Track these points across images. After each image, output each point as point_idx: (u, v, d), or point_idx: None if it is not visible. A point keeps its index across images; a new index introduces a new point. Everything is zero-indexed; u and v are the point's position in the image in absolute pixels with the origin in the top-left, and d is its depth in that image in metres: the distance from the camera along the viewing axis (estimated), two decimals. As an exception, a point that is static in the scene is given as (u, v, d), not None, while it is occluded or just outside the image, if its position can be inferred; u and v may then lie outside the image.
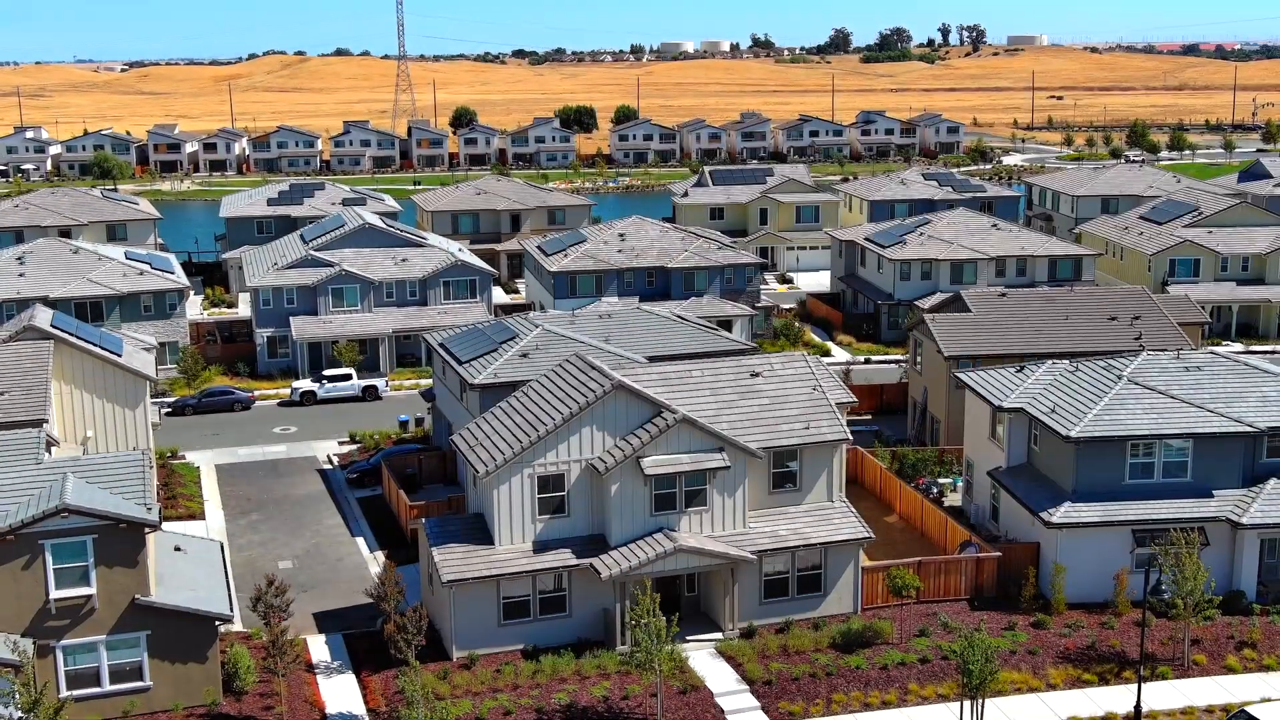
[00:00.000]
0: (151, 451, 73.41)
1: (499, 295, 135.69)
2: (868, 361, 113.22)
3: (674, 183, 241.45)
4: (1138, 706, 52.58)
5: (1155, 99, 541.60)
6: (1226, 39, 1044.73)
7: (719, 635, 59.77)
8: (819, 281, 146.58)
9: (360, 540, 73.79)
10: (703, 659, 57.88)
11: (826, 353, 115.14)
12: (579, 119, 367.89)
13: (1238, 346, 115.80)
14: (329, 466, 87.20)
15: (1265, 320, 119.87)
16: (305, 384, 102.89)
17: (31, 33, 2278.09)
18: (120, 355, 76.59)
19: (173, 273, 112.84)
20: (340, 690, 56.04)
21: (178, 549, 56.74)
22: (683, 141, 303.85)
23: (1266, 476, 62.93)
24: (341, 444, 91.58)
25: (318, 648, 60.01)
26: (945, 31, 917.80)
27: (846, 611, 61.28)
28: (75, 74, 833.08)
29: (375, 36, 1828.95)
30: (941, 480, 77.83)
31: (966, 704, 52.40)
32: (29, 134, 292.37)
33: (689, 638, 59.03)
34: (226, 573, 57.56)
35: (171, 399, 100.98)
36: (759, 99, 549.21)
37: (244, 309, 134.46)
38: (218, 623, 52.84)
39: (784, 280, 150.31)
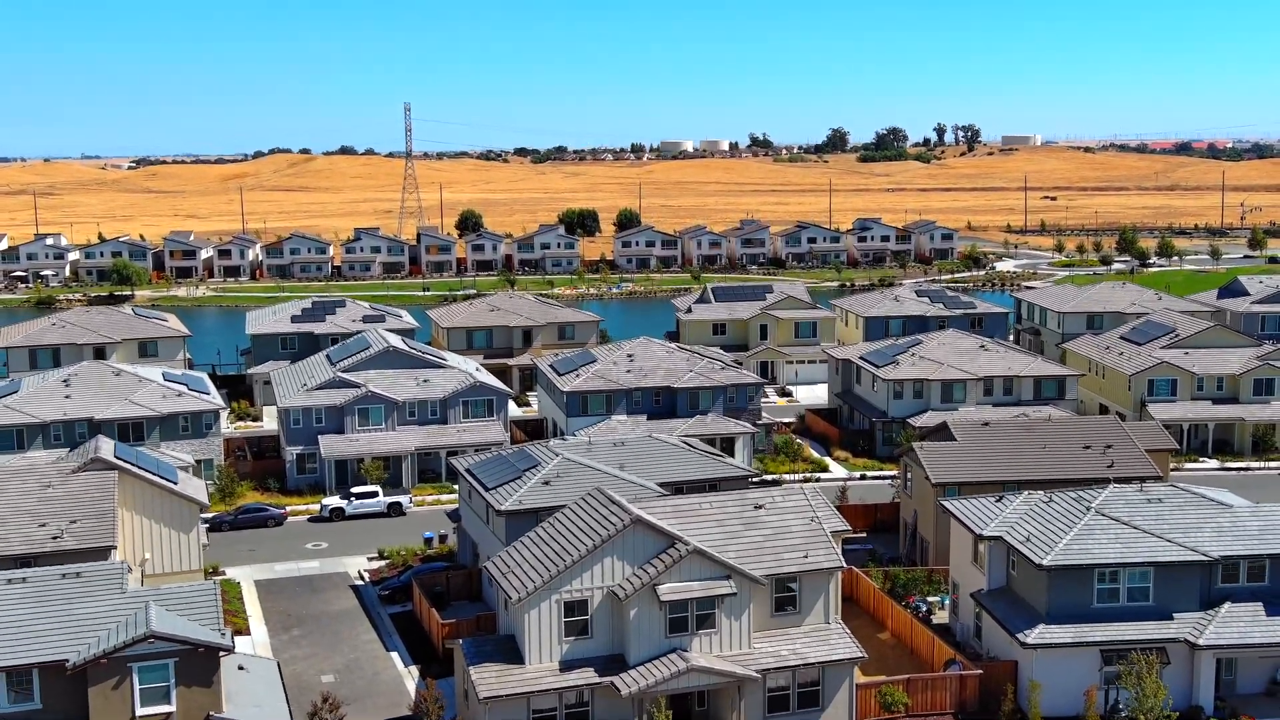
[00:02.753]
0: (202, 571, 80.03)
1: (512, 409, 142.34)
2: (863, 478, 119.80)
3: (676, 290, 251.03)
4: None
5: (1147, 199, 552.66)
6: (1219, 136, 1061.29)
7: (727, 746, 66.06)
8: (817, 394, 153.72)
9: (395, 655, 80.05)
10: (712, 768, 64.13)
11: (824, 468, 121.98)
12: (582, 222, 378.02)
13: (1213, 463, 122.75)
14: (360, 582, 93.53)
15: (1240, 438, 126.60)
16: (334, 500, 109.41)
17: (38, 128, 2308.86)
18: (176, 483, 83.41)
19: (207, 393, 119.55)
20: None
21: (241, 668, 63.17)
22: (684, 248, 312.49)
23: (1222, 600, 69.65)
24: (371, 560, 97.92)
25: (363, 757, 66.24)
26: (941, 131, 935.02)
27: (842, 724, 67.61)
28: (83, 171, 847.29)
29: (377, 132, 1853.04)
30: (930, 599, 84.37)
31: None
32: (49, 240, 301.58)
33: (700, 749, 65.35)
34: (284, 689, 63.91)
35: (209, 515, 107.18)
36: (758, 199, 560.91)
37: (269, 422, 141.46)
38: (280, 736, 59.24)
39: (783, 394, 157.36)
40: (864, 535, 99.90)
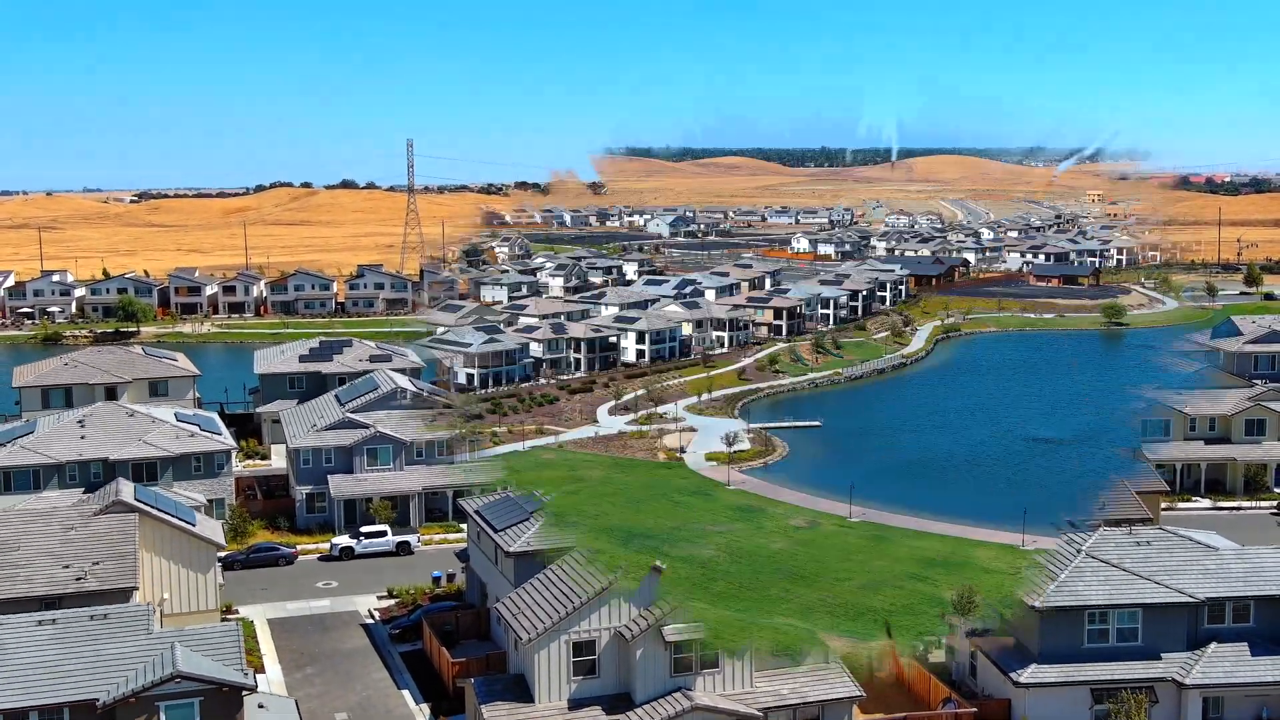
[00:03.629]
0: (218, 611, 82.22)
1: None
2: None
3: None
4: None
5: (1145, 234, 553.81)
6: (1218, 170, 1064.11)
7: (730, 783, 68.21)
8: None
9: (406, 693, 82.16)
10: (716, 804, 66.27)
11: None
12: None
13: (1206, 503, 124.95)
14: (371, 621, 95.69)
15: (1232, 477, 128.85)
16: (344, 540, 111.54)
17: (40, 161, 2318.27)
18: (194, 525, 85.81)
19: (219, 433, 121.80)
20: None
21: (261, 706, 65.44)
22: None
23: (1208, 640, 72.12)
24: (380, 598, 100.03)
25: (378, 793, 68.41)
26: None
27: (841, 761, 69.84)
28: (85, 205, 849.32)
29: (378, 166, 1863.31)
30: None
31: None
32: (55, 277, 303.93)
33: (704, 785, 67.47)
34: (302, 727, 66.24)
35: (221, 554, 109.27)
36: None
37: (277, 460, 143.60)
38: (299, 773, 61.49)
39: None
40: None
